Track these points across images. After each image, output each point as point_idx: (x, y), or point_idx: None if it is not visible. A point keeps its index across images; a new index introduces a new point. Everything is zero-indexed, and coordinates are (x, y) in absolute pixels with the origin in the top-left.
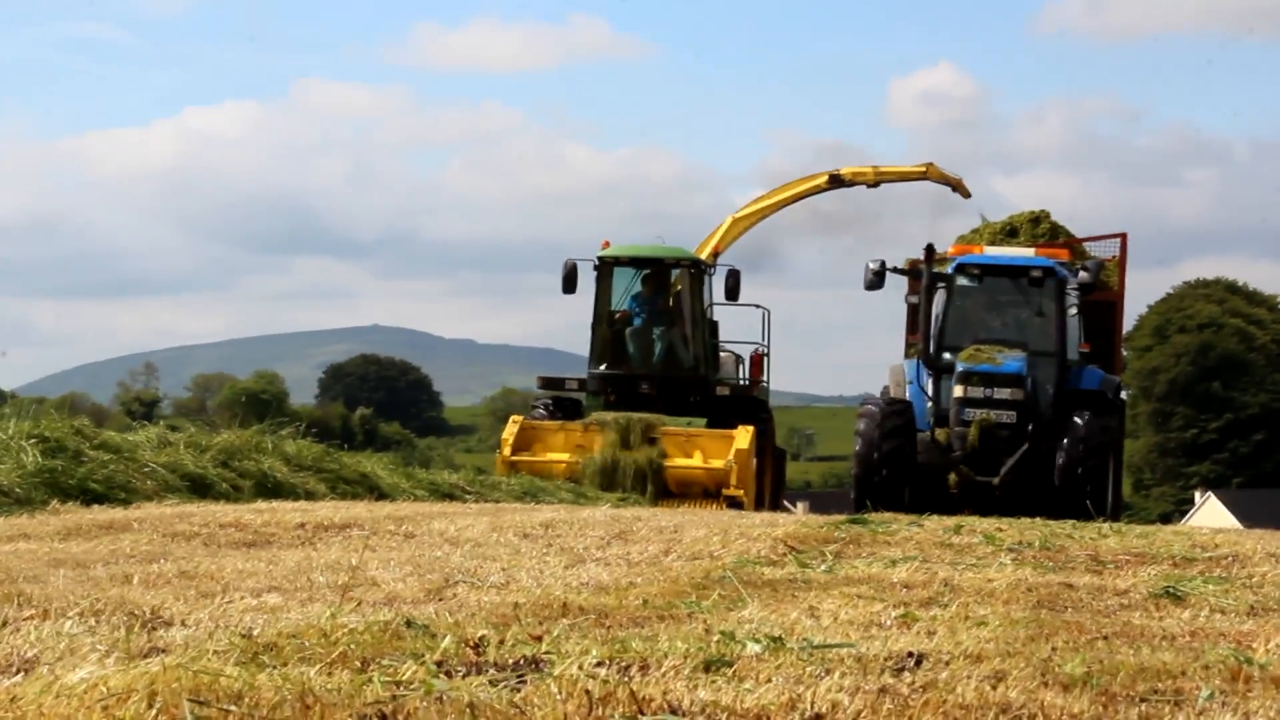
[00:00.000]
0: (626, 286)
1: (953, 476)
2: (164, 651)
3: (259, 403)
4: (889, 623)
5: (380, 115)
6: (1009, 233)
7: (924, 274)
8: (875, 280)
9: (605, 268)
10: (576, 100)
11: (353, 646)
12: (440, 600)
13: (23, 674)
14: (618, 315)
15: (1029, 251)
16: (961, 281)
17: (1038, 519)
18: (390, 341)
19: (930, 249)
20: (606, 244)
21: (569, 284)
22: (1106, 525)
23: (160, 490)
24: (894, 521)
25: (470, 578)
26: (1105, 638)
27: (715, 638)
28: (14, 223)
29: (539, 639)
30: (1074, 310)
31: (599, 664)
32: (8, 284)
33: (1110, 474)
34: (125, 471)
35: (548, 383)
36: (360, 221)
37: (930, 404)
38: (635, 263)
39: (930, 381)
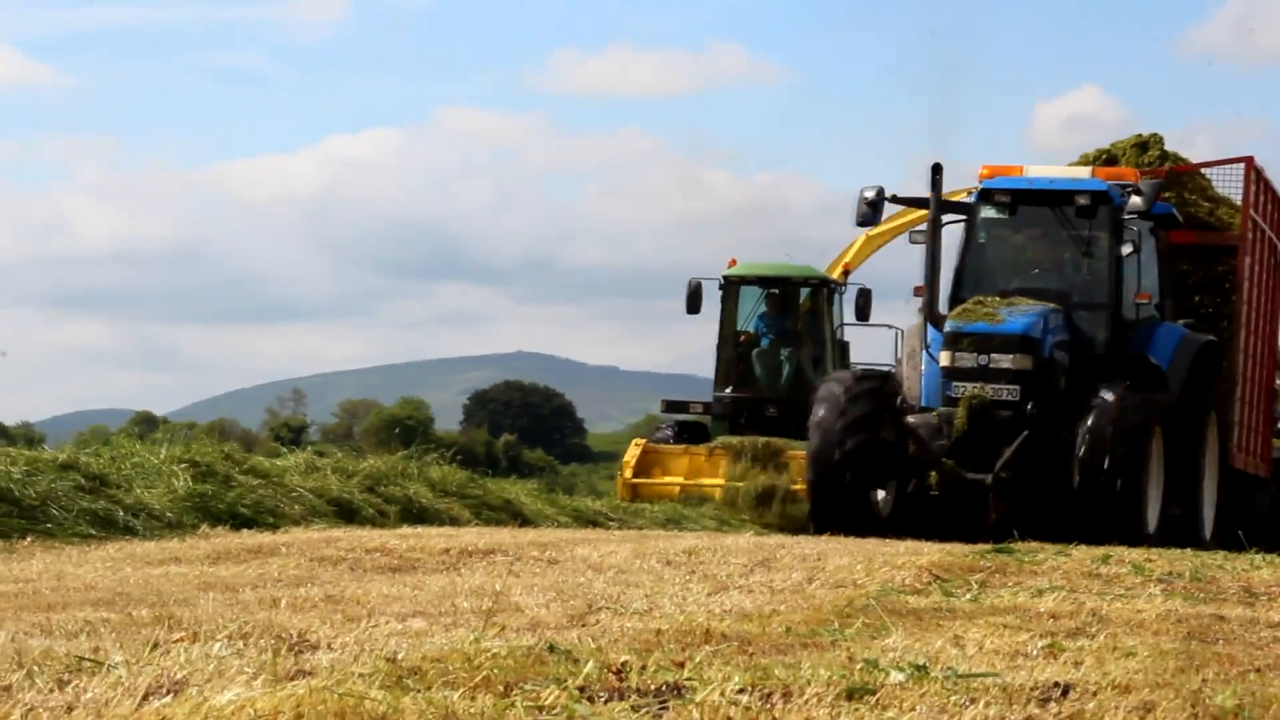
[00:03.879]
0: (753, 306)
1: (933, 474)
2: (310, 674)
3: (405, 428)
4: (1035, 653)
5: (519, 141)
6: (1107, 162)
7: (932, 203)
8: (869, 212)
9: (731, 287)
10: (715, 126)
11: (496, 671)
12: (583, 626)
13: (172, 695)
14: (743, 336)
15: (1082, 172)
16: (987, 213)
17: (1187, 550)
18: (534, 368)
19: (937, 169)
20: (733, 262)
21: (693, 304)
22: (1259, 556)
23: (307, 515)
24: (1040, 551)
25: (613, 604)
26: (1258, 670)
27: (858, 666)
28: (163, 250)
29: (681, 665)
30: (1129, 249)
31: (741, 691)
32: (158, 310)
33: (1143, 470)
34: (273, 496)
35: (672, 406)
36: (501, 247)
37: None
38: (762, 281)
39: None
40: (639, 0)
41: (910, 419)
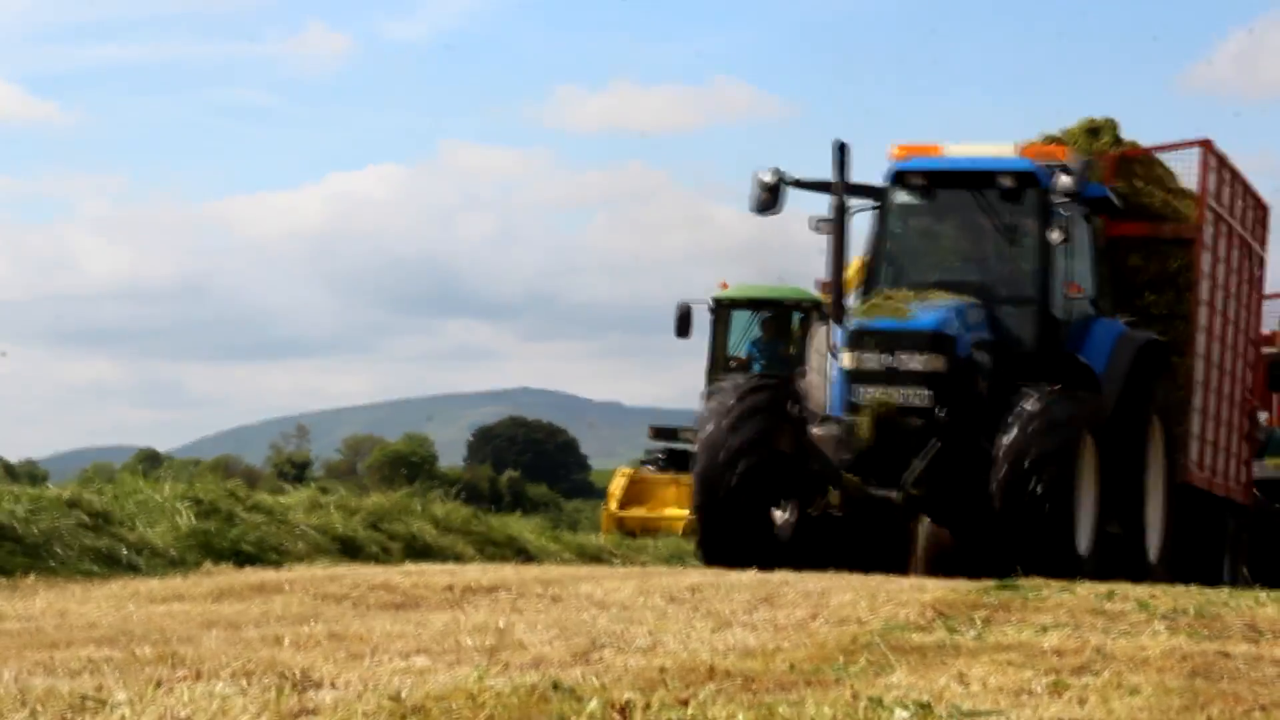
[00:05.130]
0: (744, 330)
1: (834, 492)
2: (314, 713)
3: (408, 465)
4: (1040, 690)
5: (523, 176)
6: None
7: (836, 186)
8: (767, 198)
9: (722, 310)
10: (720, 161)
11: (500, 709)
12: (587, 663)
13: None
14: (735, 361)
15: (1006, 150)
16: (900, 197)
17: (1192, 587)
18: (538, 404)
19: (842, 148)
20: (724, 285)
21: (682, 328)
22: (1264, 593)
23: (311, 552)
24: (1045, 587)
25: (617, 641)
26: (1263, 708)
27: (863, 703)
28: (167, 286)
29: (685, 703)
30: (1059, 235)
31: None
32: (161, 347)
33: (1073, 484)
34: (277, 533)
35: (660, 433)
36: (505, 283)
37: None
38: (753, 304)
39: None
40: (643, 36)
41: (815, 430)
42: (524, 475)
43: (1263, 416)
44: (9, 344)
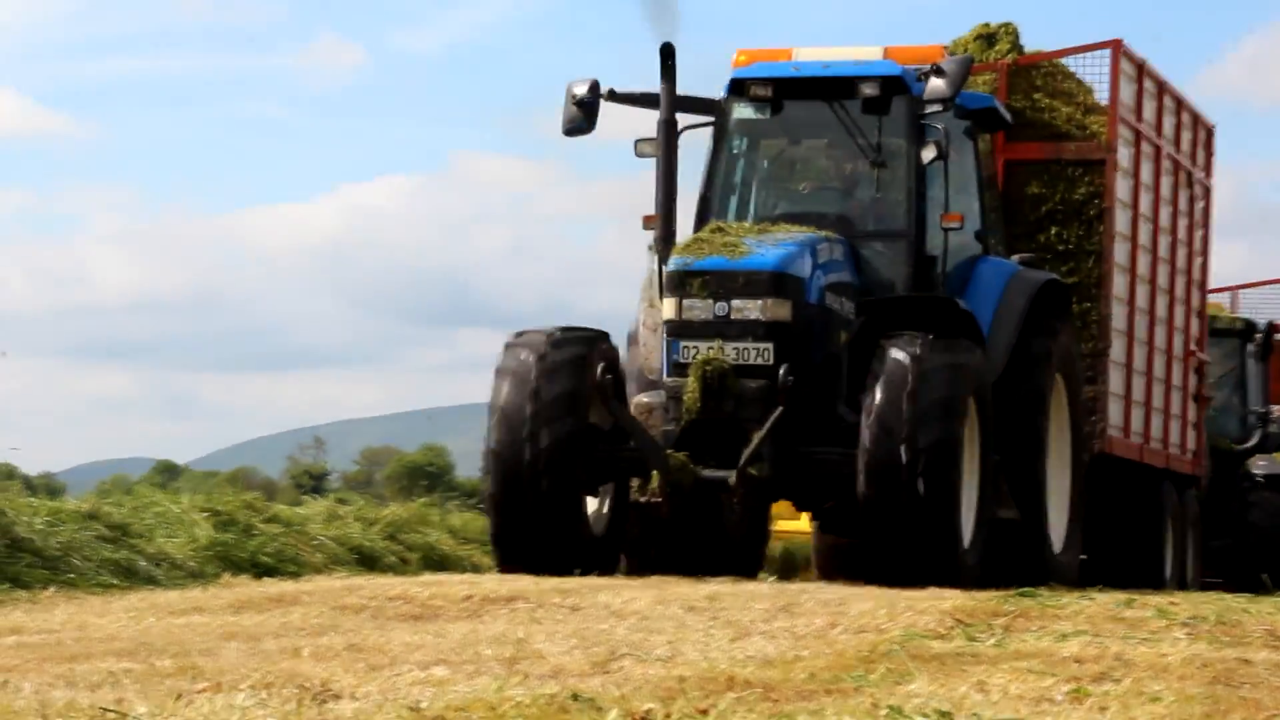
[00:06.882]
0: None
1: (655, 476)
2: None
3: (426, 475)
4: (1060, 698)
5: (536, 187)
6: None
7: (663, 98)
8: (580, 116)
9: None
10: None
11: (519, 719)
12: (606, 673)
13: None
14: None
15: (872, 53)
16: (741, 111)
17: (1214, 593)
18: None
19: (668, 51)
20: None
21: None
22: None
23: (329, 563)
24: (1064, 594)
25: (636, 650)
26: None
27: (883, 712)
28: (182, 299)
29: (705, 712)
30: (933, 153)
31: None
32: (177, 359)
33: (951, 455)
34: (295, 545)
35: None
36: (518, 293)
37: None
38: None
39: None
40: (653, 44)
41: (643, 398)
42: None
43: (1276, 409)
44: (24, 358)
